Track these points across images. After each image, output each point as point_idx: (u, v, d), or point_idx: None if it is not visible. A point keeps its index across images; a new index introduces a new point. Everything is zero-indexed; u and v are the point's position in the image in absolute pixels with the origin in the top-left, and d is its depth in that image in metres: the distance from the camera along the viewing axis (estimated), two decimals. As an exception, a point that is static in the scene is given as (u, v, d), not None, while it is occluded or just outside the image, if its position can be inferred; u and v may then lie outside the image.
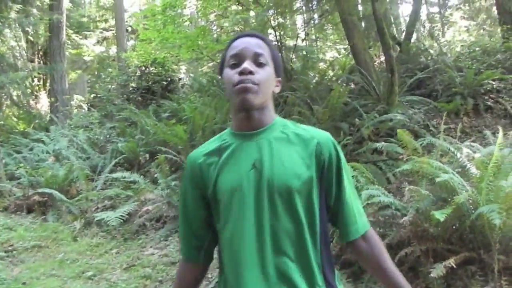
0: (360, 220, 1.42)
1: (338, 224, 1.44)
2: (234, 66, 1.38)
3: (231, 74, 1.37)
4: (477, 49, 10.24)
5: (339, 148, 1.42)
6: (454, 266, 3.31)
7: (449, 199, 3.37)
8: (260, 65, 1.37)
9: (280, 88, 1.48)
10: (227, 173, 1.38)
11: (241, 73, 1.34)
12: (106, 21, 24.04)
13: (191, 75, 15.89)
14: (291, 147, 1.37)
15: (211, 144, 1.48)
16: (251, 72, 1.34)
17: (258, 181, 1.32)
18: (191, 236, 1.51)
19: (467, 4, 17.65)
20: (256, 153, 1.36)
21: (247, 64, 1.34)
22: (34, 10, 15.59)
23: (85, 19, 22.29)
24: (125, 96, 13.59)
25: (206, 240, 1.50)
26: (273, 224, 1.31)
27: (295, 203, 1.32)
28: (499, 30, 11.04)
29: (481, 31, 16.00)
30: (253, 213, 1.32)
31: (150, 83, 13.36)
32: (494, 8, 12.75)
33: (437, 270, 3.16)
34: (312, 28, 14.51)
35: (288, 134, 1.40)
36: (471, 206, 3.53)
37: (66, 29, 16.72)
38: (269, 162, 1.34)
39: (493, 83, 7.86)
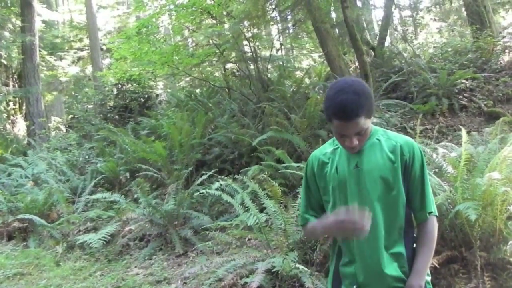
0: (420, 211, 1.92)
1: (410, 207, 1.93)
2: (341, 135, 1.83)
3: (341, 141, 1.86)
4: (449, 49, 10.42)
5: (417, 152, 1.90)
6: (437, 266, 3.34)
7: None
8: (360, 134, 1.81)
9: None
10: (338, 168, 1.93)
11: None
12: (80, 40, 23.81)
13: (169, 90, 15.83)
14: (382, 149, 1.89)
15: (327, 146, 2.05)
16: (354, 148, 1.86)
17: (360, 176, 1.87)
18: (311, 205, 2.08)
19: (437, 6, 17.97)
20: (358, 157, 1.89)
21: (351, 144, 1.81)
22: (6, 33, 15.45)
23: (59, 40, 22.10)
24: (102, 115, 13.48)
25: (320, 209, 2.07)
26: (371, 205, 1.84)
27: (389, 186, 1.85)
28: (469, 30, 11.25)
29: (452, 32, 16.28)
30: (356, 198, 1.86)
31: (127, 101, 13.28)
32: (464, 9, 12.98)
33: (421, 271, 3.17)
34: (287, 38, 14.61)
35: (380, 140, 1.92)
36: (450, 206, 3.57)
37: (39, 51, 16.55)
38: (367, 161, 1.88)
39: (466, 82, 8.00)
